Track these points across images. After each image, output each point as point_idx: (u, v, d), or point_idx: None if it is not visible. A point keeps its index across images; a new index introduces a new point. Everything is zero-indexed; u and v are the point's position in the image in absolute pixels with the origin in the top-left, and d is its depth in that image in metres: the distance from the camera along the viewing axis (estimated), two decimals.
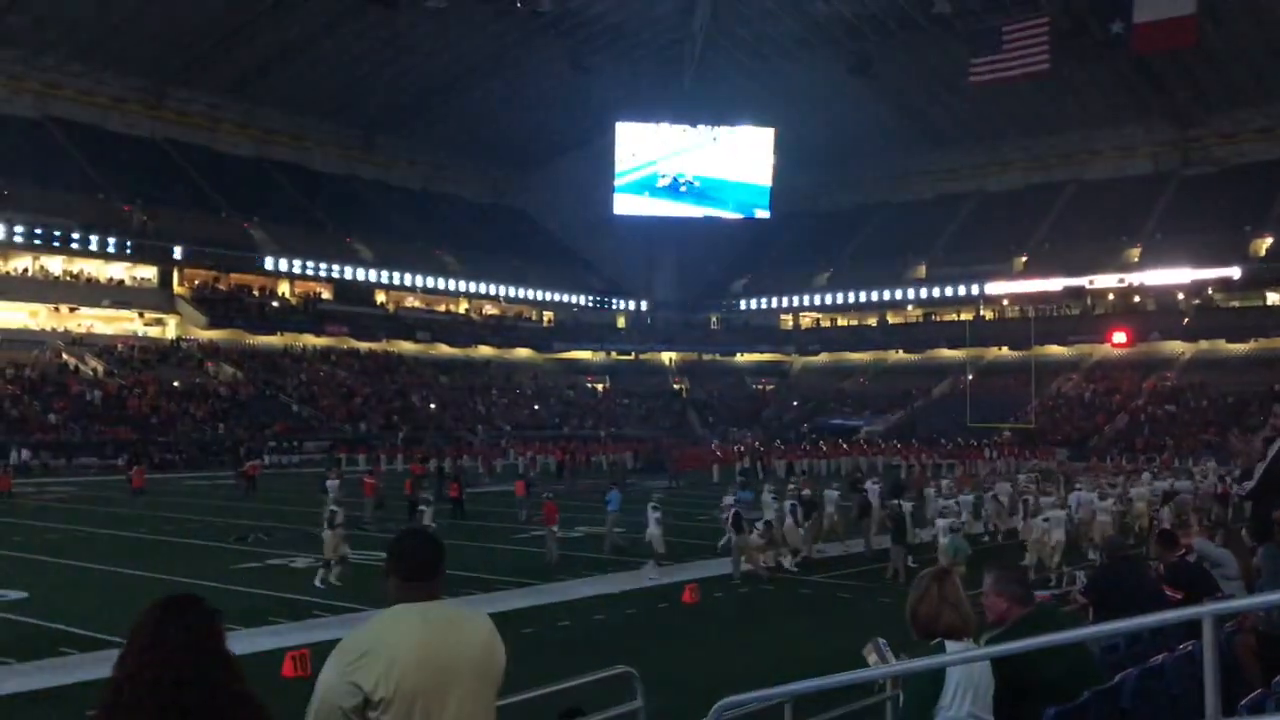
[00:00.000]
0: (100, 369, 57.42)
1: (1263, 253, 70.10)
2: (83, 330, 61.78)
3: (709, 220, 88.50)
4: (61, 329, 61.03)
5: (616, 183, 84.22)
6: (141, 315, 65.59)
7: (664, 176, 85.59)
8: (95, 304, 63.35)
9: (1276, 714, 3.64)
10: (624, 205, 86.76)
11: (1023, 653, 4.05)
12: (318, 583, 17.95)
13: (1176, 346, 71.12)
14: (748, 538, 19.45)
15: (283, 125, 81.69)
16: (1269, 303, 70.11)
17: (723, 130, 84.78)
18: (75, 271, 63.79)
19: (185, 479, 43.60)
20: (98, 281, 64.65)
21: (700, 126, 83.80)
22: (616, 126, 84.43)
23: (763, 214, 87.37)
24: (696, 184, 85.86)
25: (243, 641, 12.55)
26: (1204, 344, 69.79)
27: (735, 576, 19.01)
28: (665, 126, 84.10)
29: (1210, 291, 71.76)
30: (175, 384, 58.08)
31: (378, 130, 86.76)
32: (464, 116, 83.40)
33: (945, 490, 26.86)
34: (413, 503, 28.38)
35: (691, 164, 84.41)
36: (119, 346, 60.84)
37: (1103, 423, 64.35)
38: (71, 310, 62.45)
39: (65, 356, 57.45)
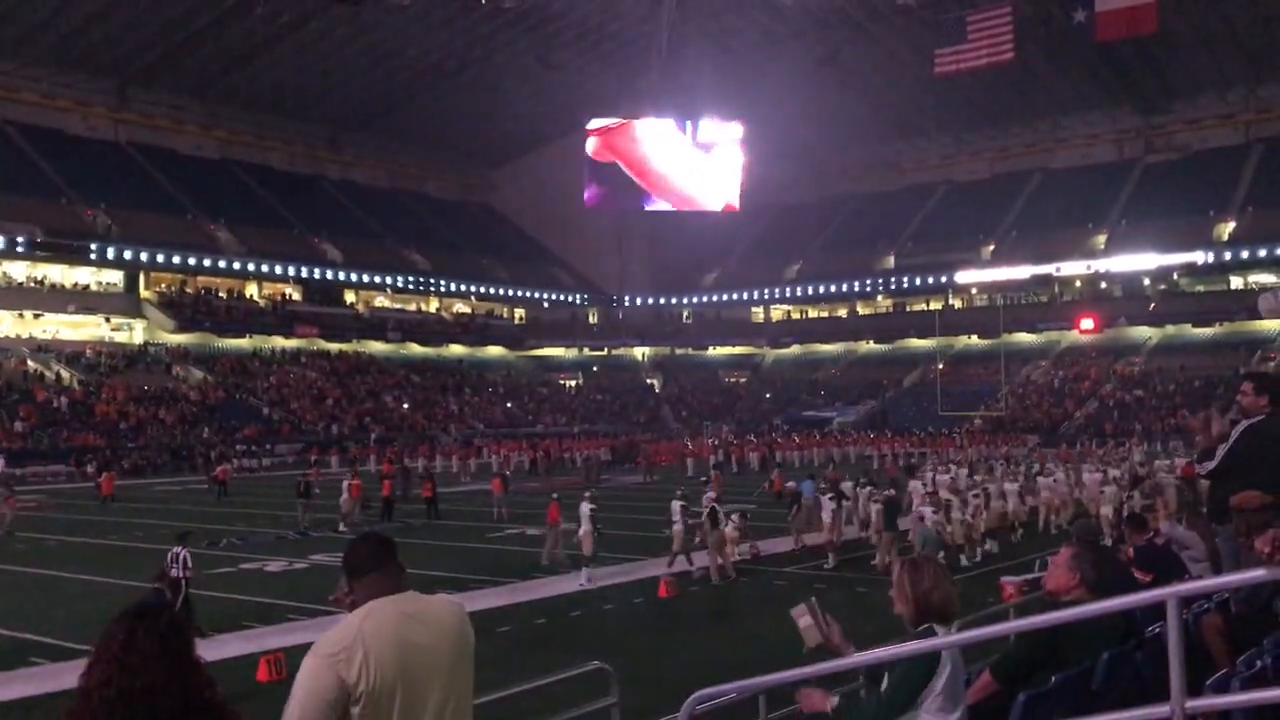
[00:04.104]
0: (67, 375, 56.79)
1: (1226, 237, 70.91)
2: (48, 336, 61.06)
3: (678, 215, 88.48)
4: (26, 335, 60.29)
5: (585, 178, 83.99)
6: (108, 320, 64.90)
7: (632, 171, 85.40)
8: (60, 310, 62.52)
9: (1240, 693, 3.69)
10: (593, 201, 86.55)
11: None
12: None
13: (1143, 331, 71.95)
14: (723, 532, 19.37)
15: (247, 126, 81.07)
16: (1233, 287, 70.94)
17: (690, 124, 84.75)
18: (39, 277, 63.04)
19: (156, 484, 43.19)
20: (63, 287, 63.93)
21: (668, 120, 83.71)
22: (585, 122, 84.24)
23: (732, 207, 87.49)
24: (665, 178, 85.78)
25: (216, 647, 12.48)
26: (1170, 329, 70.64)
27: (714, 577, 18.69)
28: (633, 121, 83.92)
29: (1176, 276, 72.61)
30: (144, 389, 57.53)
31: (343, 129, 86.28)
32: (430, 114, 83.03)
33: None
34: (388, 503, 28.26)
35: (660, 158, 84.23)
36: (86, 352, 60.08)
37: (1072, 409, 64.96)
38: (36, 317, 61.64)
39: (31, 364, 56.76)
